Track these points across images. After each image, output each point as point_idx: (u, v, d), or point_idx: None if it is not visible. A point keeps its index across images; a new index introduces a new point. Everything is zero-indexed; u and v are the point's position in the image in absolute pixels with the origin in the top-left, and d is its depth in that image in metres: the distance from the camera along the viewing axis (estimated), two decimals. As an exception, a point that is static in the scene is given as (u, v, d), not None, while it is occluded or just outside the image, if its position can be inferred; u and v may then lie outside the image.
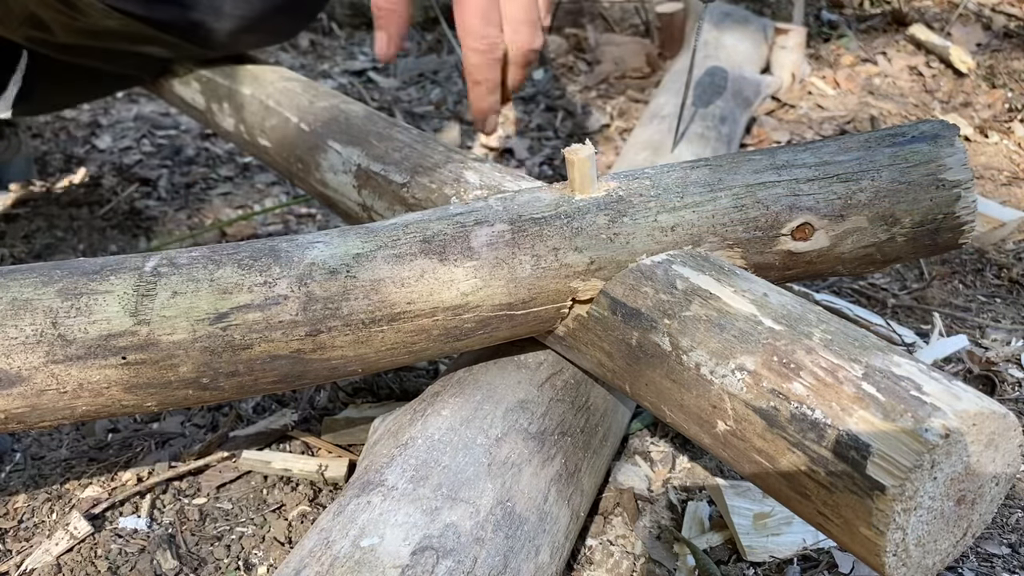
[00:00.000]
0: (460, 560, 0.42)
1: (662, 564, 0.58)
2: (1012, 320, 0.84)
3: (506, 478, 0.48)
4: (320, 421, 0.71)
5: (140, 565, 0.58)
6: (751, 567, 0.58)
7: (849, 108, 1.28)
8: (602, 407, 0.58)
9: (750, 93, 1.15)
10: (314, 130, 0.76)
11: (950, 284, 0.90)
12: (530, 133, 1.25)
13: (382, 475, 0.47)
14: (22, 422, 0.48)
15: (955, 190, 0.55)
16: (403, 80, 1.46)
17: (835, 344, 0.43)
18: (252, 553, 0.59)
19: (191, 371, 0.47)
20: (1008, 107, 1.26)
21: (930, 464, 0.37)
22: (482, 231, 0.50)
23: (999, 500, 0.41)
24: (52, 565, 0.58)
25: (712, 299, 0.47)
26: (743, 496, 0.61)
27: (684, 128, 0.86)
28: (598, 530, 0.61)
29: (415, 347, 0.51)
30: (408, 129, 0.74)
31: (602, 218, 0.51)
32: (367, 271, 0.49)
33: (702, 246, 0.52)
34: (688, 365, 0.46)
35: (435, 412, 0.52)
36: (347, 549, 0.42)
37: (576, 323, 0.53)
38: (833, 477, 0.39)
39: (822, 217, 0.53)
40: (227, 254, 0.49)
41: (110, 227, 1.04)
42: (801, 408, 0.41)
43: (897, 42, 1.47)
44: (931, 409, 0.38)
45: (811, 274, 0.57)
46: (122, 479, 0.66)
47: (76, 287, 0.47)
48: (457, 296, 0.49)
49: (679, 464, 0.67)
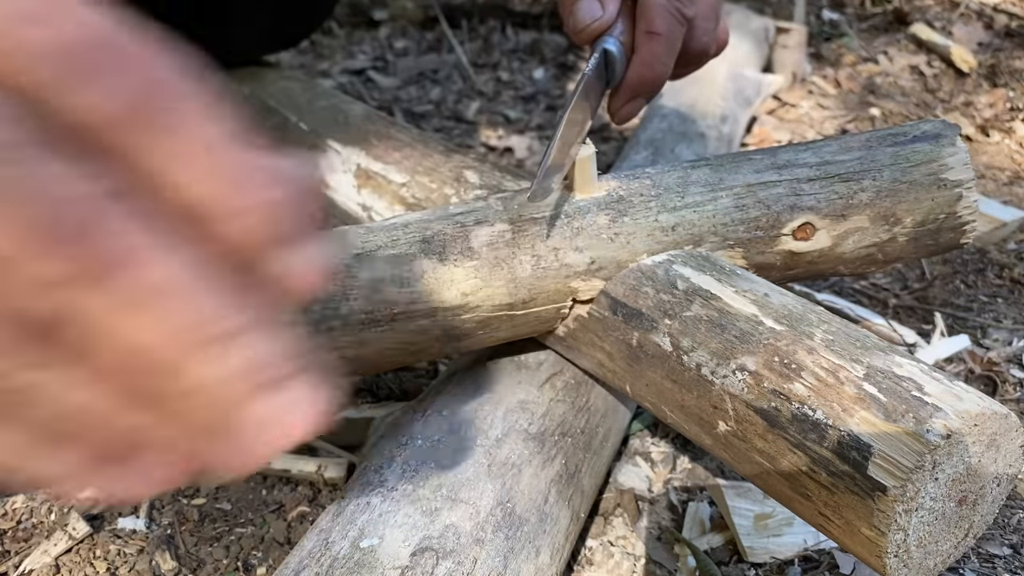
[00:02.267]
0: (460, 561, 0.42)
1: (663, 565, 0.58)
2: (1014, 320, 0.83)
3: (506, 479, 0.47)
4: (320, 421, 0.71)
5: (139, 566, 0.58)
6: (752, 568, 0.57)
7: (850, 107, 1.28)
8: (602, 407, 0.58)
9: (751, 92, 1.15)
10: (314, 130, 0.76)
11: (951, 284, 0.89)
12: (530, 133, 1.25)
13: (382, 475, 0.47)
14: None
15: (956, 190, 0.55)
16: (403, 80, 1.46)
17: (836, 344, 0.42)
18: (251, 554, 0.59)
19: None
20: (1010, 106, 1.26)
21: (931, 465, 0.37)
22: (482, 231, 0.50)
23: (1000, 501, 0.41)
24: (51, 566, 0.58)
25: (713, 299, 0.47)
26: (744, 497, 0.61)
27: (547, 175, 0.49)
28: (598, 531, 0.61)
29: (415, 347, 0.51)
30: (408, 129, 0.74)
31: (603, 218, 0.51)
32: (367, 271, 0.48)
33: (703, 246, 0.52)
34: (689, 365, 0.46)
35: (435, 412, 0.51)
36: (347, 550, 0.42)
37: (576, 323, 0.52)
38: (834, 478, 0.39)
39: (823, 217, 0.53)
40: (226, 254, 0.49)
41: (110, 227, 1.04)
42: (802, 408, 0.41)
43: (898, 41, 1.47)
44: (932, 410, 0.38)
45: (812, 274, 0.57)
46: (121, 479, 0.65)
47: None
48: (457, 296, 0.49)
49: (680, 465, 0.67)
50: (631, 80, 0.60)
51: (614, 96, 0.61)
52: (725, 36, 0.66)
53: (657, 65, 0.59)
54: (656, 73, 0.59)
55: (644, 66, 0.59)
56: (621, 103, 0.61)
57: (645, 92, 0.61)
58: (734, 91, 1.10)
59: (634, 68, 0.59)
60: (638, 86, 0.60)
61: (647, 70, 0.59)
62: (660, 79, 0.60)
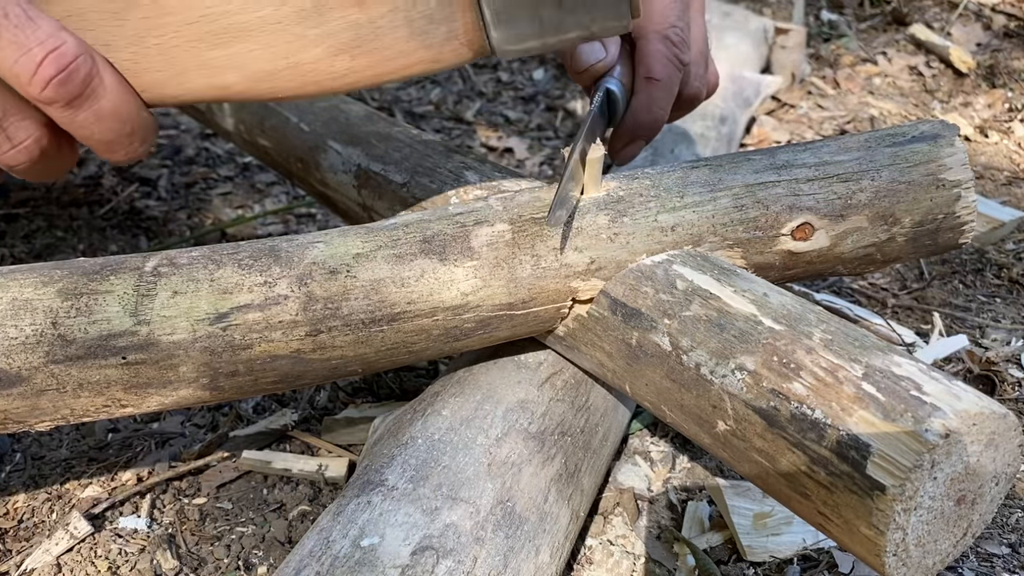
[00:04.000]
0: (460, 560, 0.42)
1: (662, 564, 0.58)
2: (1012, 320, 0.84)
3: (506, 478, 0.48)
4: (320, 421, 0.71)
5: (140, 565, 0.58)
6: (751, 567, 0.58)
7: (849, 108, 1.28)
8: (602, 407, 0.58)
9: (750, 93, 1.15)
10: (314, 130, 0.76)
11: (950, 284, 0.90)
12: (530, 133, 1.25)
13: (382, 475, 0.47)
14: (22, 422, 0.48)
15: (955, 190, 0.55)
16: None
17: (835, 344, 0.43)
18: (252, 553, 0.59)
19: (191, 371, 0.47)
20: (1008, 107, 1.26)
21: (930, 464, 0.37)
22: (482, 231, 0.50)
23: (999, 500, 0.41)
24: (52, 565, 0.58)
25: (712, 299, 0.47)
26: (743, 496, 0.61)
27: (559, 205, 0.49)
28: (598, 530, 0.61)
29: (415, 347, 0.51)
30: (408, 129, 0.74)
31: (602, 218, 0.51)
32: (367, 271, 0.49)
33: (702, 246, 0.52)
34: (688, 365, 0.46)
35: (435, 412, 0.52)
36: (347, 549, 0.42)
37: (576, 323, 0.53)
38: (833, 477, 0.39)
39: (822, 217, 0.53)
40: (227, 254, 0.49)
41: (110, 227, 1.04)
42: (801, 408, 0.41)
43: (897, 42, 1.47)
44: (931, 409, 0.38)
45: (811, 274, 0.57)
46: (122, 479, 0.66)
47: (76, 287, 0.47)
48: (457, 296, 0.49)
49: (679, 464, 0.67)
50: (631, 123, 0.62)
51: (615, 137, 0.64)
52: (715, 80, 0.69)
53: (656, 109, 0.62)
54: (655, 117, 0.62)
55: (644, 110, 0.62)
56: (622, 144, 0.64)
57: (644, 135, 0.63)
58: (733, 92, 1.10)
59: (634, 112, 0.62)
60: (638, 129, 0.63)
61: (646, 114, 0.62)
62: (659, 122, 0.63)
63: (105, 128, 0.49)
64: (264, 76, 0.48)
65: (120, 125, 0.49)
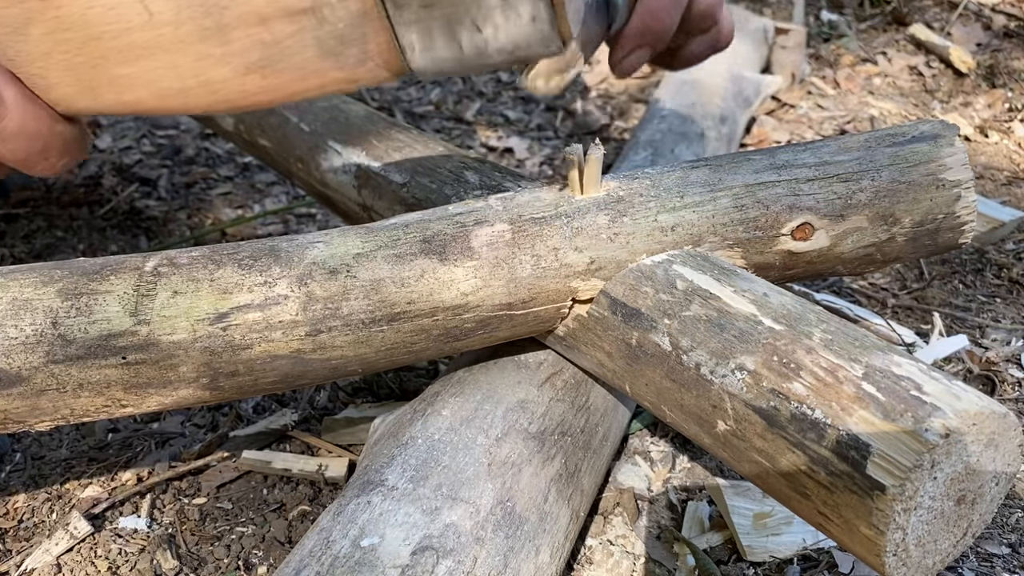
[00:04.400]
0: (460, 560, 0.42)
1: (662, 564, 0.58)
2: (1012, 320, 0.84)
3: (506, 478, 0.48)
4: (320, 421, 0.71)
5: (140, 565, 0.58)
6: (751, 567, 0.58)
7: (849, 108, 1.28)
8: (602, 407, 0.58)
9: (750, 93, 1.15)
10: (314, 130, 0.76)
11: (950, 284, 0.90)
12: (530, 133, 1.25)
13: (382, 475, 0.47)
14: (22, 422, 0.48)
15: (955, 190, 0.55)
16: (403, 80, 1.46)
17: (835, 344, 0.43)
18: (252, 553, 0.59)
19: (191, 371, 0.47)
20: (1008, 107, 1.26)
21: (930, 464, 0.37)
22: (482, 231, 0.50)
23: (999, 500, 0.41)
24: (52, 565, 0.58)
25: (712, 299, 0.47)
26: (743, 496, 0.61)
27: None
28: (598, 530, 0.61)
29: (415, 347, 0.51)
30: (408, 129, 0.74)
31: (602, 218, 0.51)
32: (367, 271, 0.49)
33: (702, 246, 0.52)
34: (688, 365, 0.46)
35: (435, 412, 0.52)
36: (347, 549, 0.42)
37: (576, 323, 0.53)
38: (833, 477, 0.39)
39: (822, 217, 0.53)
40: (227, 254, 0.49)
41: (110, 227, 1.04)
42: (801, 408, 0.41)
43: (897, 42, 1.47)
44: (931, 409, 0.38)
45: (811, 274, 0.57)
46: (122, 479, 0.66)
47: (76, 287, 0.47)
48: (457, 296, 0.49)
49: (679, 464, 0.67)
50: (635, 28, 0.55)
51: (616, 46, 0.57)
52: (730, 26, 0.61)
53: (663, 14, 0.54)
54: (662, 23, 0.55)
55: (649, 14, 0.54)
56: (623, 53, 0.57)
57: (649, 43, 0.56)
58: (733, 92, 1.10)
59: (639, 15, 0.55)
60: (642, 35, 0.55)
61: (653, 19, 0.54)
62: (666, 30, 0.56)
63: (13, 147, 0.48)
64: (175, 93, 0.47)
65: (29, 143, 0.48)
